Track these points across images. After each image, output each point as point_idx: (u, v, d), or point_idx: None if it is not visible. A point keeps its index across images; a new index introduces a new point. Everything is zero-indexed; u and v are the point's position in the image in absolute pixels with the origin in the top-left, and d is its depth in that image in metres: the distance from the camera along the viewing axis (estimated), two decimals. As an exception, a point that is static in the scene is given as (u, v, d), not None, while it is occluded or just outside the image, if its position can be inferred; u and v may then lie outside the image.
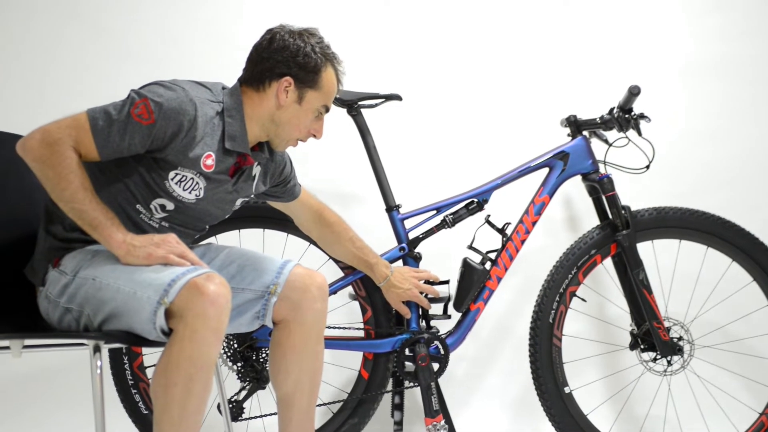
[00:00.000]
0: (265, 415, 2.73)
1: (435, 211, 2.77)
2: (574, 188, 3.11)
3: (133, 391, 2.65)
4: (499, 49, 3.37)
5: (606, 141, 2.85)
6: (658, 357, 2.79)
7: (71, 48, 3.32)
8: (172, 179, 2.05)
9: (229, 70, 2.38)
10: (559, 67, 3.36)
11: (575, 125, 2.84)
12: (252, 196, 2.32)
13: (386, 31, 3.35)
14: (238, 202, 2.27)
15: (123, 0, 3.35)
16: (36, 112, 3.17)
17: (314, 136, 2.23)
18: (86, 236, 2.03)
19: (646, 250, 2.86)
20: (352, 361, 2.94)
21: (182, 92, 2.01)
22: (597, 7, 3.38)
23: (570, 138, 2.85)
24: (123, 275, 1.92)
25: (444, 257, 2.99)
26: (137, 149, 1.99)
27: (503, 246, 2.76)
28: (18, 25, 3.33)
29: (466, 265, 2.73)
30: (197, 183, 2.08)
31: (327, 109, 2.22)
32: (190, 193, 2.08)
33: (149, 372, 2.67)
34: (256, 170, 2.26)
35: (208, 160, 2.07)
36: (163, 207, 2.09)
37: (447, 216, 2.76)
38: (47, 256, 2.07)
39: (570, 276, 2.78)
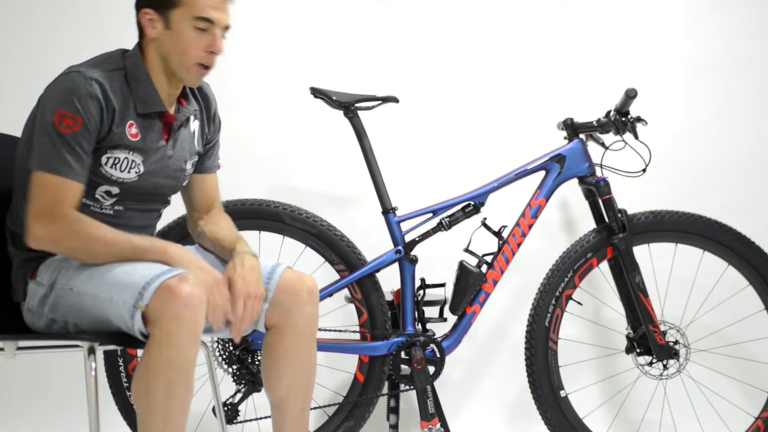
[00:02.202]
0: (261, 418, 2.72)
1: (431, 214, 2.76)
2: (571, 191, 3.10)
3: (128, 393, 2.65)
4: (496, 52, 3.37)
5: (602, 144, 2.84)
6: (654, 361, 2.79)
7: (67, 48, 3.29)
8: (105, 164, 2.01)
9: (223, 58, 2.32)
10: (556, 70, 3.36)
11: (572, 128, 2.84)
12: (199, 152, 2.24)
13: (383, 33, 3.35)
14: (188, 165, 2.20)
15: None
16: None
17: (213, 52, 2.03)
18: None
19: (642, 253, 2.86)
20: (348, 364, 2.93)
21: (77, 76, 1.95)
22: (595, 9, 3.38)
23: (567, 141, 2.85)
24: (99, 282, 1.91)
25: (440, 260, 2.98)
26: (91, 151, 1.96)
27: (499, 249, 2.76)
28: (13, 25, 3.31)
29: (462, 267, 2.72)
30: (132, 161, 2.04)
31: (209, 21, 2.02)
32: (128, 172, 2.04)
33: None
34: (194, 125, 2.20)
35: (132, 129, 2.02)
36: (108, 193, 2.05)
37: (443, 219, 2.76)
38: (23, 270, 2.06)
39: (566, 279, 2.78)
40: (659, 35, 3.38)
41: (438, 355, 2.72)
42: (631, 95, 2.70)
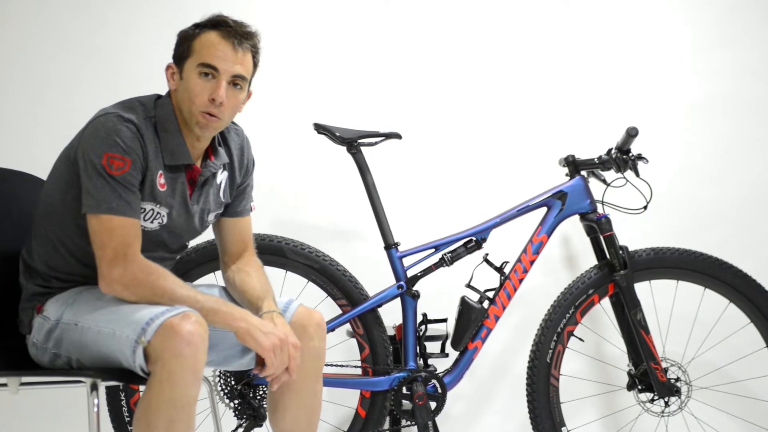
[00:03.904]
0: (261, 453, 2.71)
1: (433, 249, 2.78)
2: (572, 228, 3.12)
3: (130, 428, 2.64)
4: (499, 89, 3.39)
5: (604, 181, 2.86)
6: (656, 398, 2.79)
7: (62, 79, 3.31)
8: None
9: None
10: (558, 107, 3.38)
11: (573, 165, 2.86)
12: (227, 203, 2.25)
13: (387, 69, 3.38)
14: (211, 217, 2.22)
15: (114, 29, 3.36)
16: (29, 143, 3.21)
17: (213, 100, 2.01)
18: (64, 284, 2.06)
19: (643, 290, 2.87)
20: (349, 399, 2.93)
21: (115, 118, 1.97)
22: (599, 46, 3.41)
23: (568, 178, 2.87)
24: (102, 317, 1.93)
25: (442, 295, 2.99)
26: (138, 188, 1.99)
27: (501, 285, 2.77)
28: (7, 59, 3.33)
29: (463, 303, 2.73)
30: (158, 213, 2.06)
31: (213, 68, 2.02)
32: (152, 222, 2.06)
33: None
34: (221, 177, 2.21)
35: (161, 179, 2.04)
36: None
37: (445, 254, 2.77)
38: (31, 303, 2.08)
39: (568, 316, 2.78)
40: (663, 73, 3.40)
41: (439, 390, 2.72)
42: (632, 134, 2.72)
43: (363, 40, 3.40)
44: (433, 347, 2.83)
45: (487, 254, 2.77)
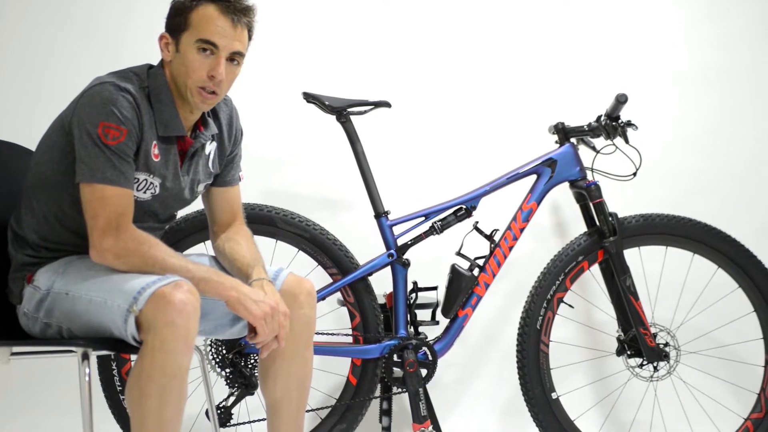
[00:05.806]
0: (254, 421, 2.73)
1: (423, 218, 2.78)
2: (562, 195, 3.12)
3: (122, 397, 2.65)
4: (488, 57, 3.39)
5: (593, 148, 2.87)
6: (645, 363, 2.81)
7: (64, 55, 3.30)
8: None
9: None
10: (548, 74, 3.38)
11: (563, 132, 2.86)
12: (216, 173, 2.26)
13: (376, 38, 3.37)
14: (201, 187, 2.23)
15: (116, 6, 3.34)
16: (31, 120, 3.19)
17: (212, 77, 2.02)
18: (54, 253, 2.06)
19: (633, 256, 2.88)
20: (341, 366, 2.95)
21: (111, 87, 1.95)
22: (589, 15, 3.40)
23: (558, 145, 2.87)
24: (94, 285, 1.93)
25: (432, 263, 3.00)
26: (133, 158, 1.99)
27: (491, 252, 2.78)
28: (9, 35, 3.31)
29: (454, 271, 2.74)
30: (151, 183, 2.06)
31: (212, 44, 2.01)
32: (145, 192, 2.06)
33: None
34: (210, 147, 2.21)
35: (156, 150, 2.04)
36: None
37: (435, 222, 2.77)
38: (21, 273, 2.08)
39: (557, 282, 2.79)
40: (654, 41, 3.40)
41: (430, 357, 2.73)
42: (621, 100, 2.72)
43: (352, 8, 3.38)
44: (423, 315, 2.84)
45: (477, 222, 2.78)
